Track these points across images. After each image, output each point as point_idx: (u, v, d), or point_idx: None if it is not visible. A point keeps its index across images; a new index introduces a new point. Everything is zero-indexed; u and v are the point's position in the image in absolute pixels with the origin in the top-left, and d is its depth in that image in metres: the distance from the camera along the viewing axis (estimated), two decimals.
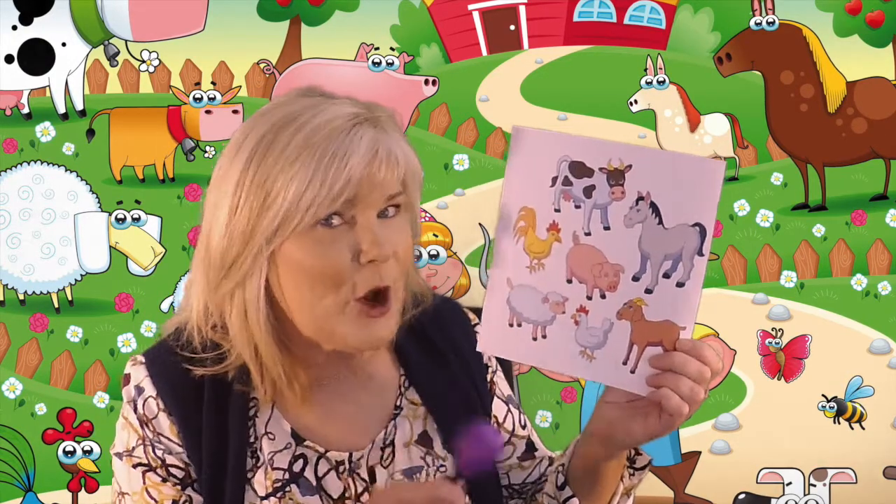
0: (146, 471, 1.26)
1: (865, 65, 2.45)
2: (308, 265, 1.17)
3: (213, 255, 1.20)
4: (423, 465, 1.30)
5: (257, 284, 1.19)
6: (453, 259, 2.46)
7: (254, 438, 1.27)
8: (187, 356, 1.25)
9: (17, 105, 2.42)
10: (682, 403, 1.10)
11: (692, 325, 1.11)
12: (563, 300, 1.14)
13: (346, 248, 1.17)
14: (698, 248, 1.08)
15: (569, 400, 2.46)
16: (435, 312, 1.34)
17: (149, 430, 1.26)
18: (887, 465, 2.49)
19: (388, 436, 1.30)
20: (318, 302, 1.18)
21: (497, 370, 1.41)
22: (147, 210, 2.43)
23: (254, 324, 1.21)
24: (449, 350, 1.35)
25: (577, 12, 2.45)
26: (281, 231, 1.16)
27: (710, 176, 1.08)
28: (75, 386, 2.43)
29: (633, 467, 1.26)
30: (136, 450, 1.27)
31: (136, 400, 1.27)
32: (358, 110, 1.19)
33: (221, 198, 1.19)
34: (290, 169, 1.15)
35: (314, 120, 1.17)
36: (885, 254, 2.46)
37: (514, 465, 1.40)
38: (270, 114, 1.20)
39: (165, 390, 1.26)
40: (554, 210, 1.14)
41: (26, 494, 2.45)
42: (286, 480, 1.26)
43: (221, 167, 1.21)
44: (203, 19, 2.42)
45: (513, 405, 1.41)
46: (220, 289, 1.21)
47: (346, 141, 1.16)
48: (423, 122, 2.45)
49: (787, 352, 2.47)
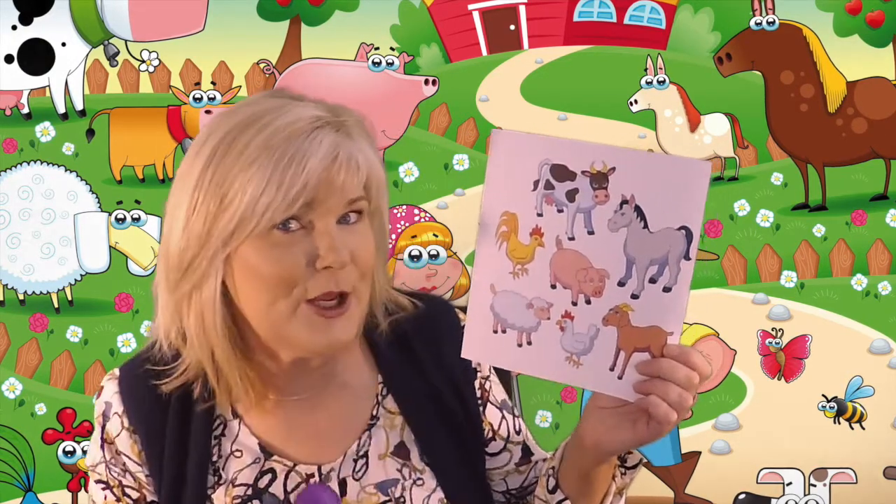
0: (104, 488, 1.28)
1: (866, 65, 2.44)
2: (263, 269, 1.15)
3: (172, 256, 1.18)
4: (398, 478, 1.28)
5: (213, 286, 1.17)
6: (453, 259, 2.45)
7: (217, 457, 1.27)
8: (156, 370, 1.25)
9: (17, 105, 2.42)
10: (671, 410, 1.08)
11: (679, 331, 1.08)
12: (548, 306, 1.12)
13: (301, 253, 1.15)
14: (685, 252, 1.06)
15: (569, 400, 2.46)
16: (419, 316, 1.32)
17: (107, 452, 1.27)
18: (887, 465, 2.49)
19: (362, 447, 1.28)
20: (270, 306, 1.17)
21: (490, 375, 1.38)
22: (147, 210, 2.43)
23: (209, 326, 1.19)
24: (430, 355, 1.32)
25: (577, 12, 2.45)
26: (237, 234, 1.14)
27: (695, 178, 1.05)
28: (75, 386, 2.43)
29: (625, 466, 1.25)
30: (98, 466, 1.29)
31: (103, 415, 1.28)
32: (321, 113, 1.17)
33: (181, 197, 1.17)
34: (248, 171, 1.13)
35: (276, 122, 1.15)
36: (886, 254, 2.46)
37: (511, 471, 1.38)
38: (234, 114, 1.18)
39: (132, 407, 1.26)
40: (536, 214, 1.12)
41: (26, 494, 2.45)
42: (248, 497, 1.25)
43: (184, 166, 1.19)
44: (203, 19, 2.42)
45: (507, 410, 1.39)
46: (178, 290, 1.19)
47: (306, 144, 1.14)
48: (423, 122, 2.45)
49: (788, 352, 2.47)
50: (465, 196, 2.45)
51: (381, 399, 1.31)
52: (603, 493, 1.24)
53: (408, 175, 2.44)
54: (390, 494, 1.27)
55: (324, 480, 1.26)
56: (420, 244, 2.44)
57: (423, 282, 2.43)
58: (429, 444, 1.29)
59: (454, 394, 1.33)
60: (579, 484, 1.24)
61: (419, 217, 2.45)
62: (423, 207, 2.45)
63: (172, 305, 1.22)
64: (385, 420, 1.30)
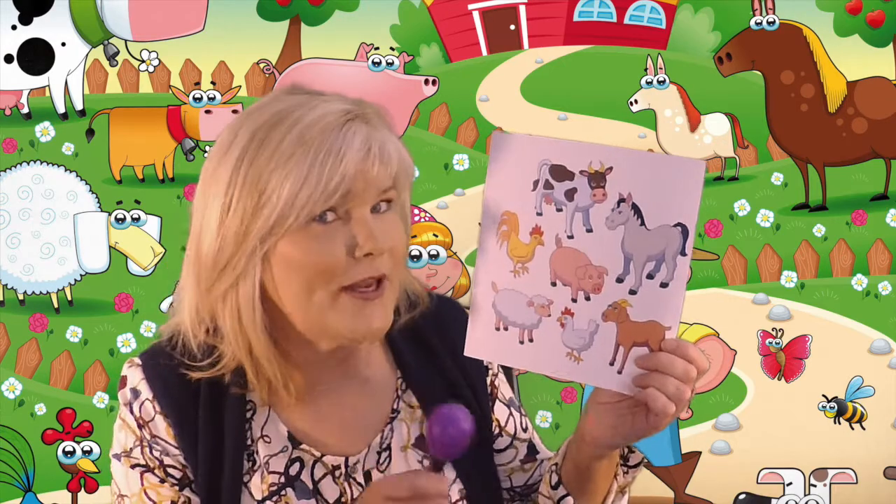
0: (144, 471, 1.26)
1: (866, 65, 2.45)
2: (303, 262, 1.16)
3: (205, 258, 1.19)
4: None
5: (252, 284, 1.18)
6: (453, 259, 2.45)
7: (250, 441, 1.26)
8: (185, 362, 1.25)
9: (17, 105, 2.42)
10: (669, 403, 1.10)
11: (677, 325, 1.10)
12: (549, 303, 1.14)
13: (341, 242, 1.16)
14: (681, 248, 1.08)
15: (569, 400, 2.46)
16: (434, 313, 1.33)
17: (146, 432, 1.25)
18: (888, 465, 2.49)
19: (385, 440, 1.29)
20: (310, 297, 1.17)
21: (499, 373, 1.40)
22: (147, 210, 2.43)
23: (248, 324, 1.20)
24: (446, 352, 1.33)
25: (577, 12, 2.45)
26: (276, 230, 1.15)
27: (690, 176, 1.07)
28: (75, 386, 2.43)
29: (627, 465, 1.26)
30: (133, 451, 1.26)
31: (132, 402, 1.26)
32: (349, 107, 1.18)
33: (211, 199, 1.18)
34: (285, 167, 1.14)
35: (306, 117, 1.16)
36: (886, 254, 2.46)
37: (516, 468, 1.39)
38: (259, 112, 1.19)
39: (162, 393, 1.25)
40: (536, 214, 1.14)
41: (26, 495, 2.45)
42: (282, 484, 1.25)
43: (209, 167, 1.20)
44: (203, 19, 2.42)
45: (514, 408, 1.41)
46: (212, 291, 1.20)
47: (340, 137, 1.15)
48: (423, 122, 2.45)
49: (788, 352, 2.47)
50: (465, 196, 2.45)
51: (400, 393, 1.32)
52: (605, 491, 1.26)
53: None
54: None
55: (350, 472, 1.27)
56: (420, 244, 2.44)
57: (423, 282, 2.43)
58: None
59: (469, 389, 1.34)
60: (581, 480, 1.25)
61: (419, 217, 2.45)
62: (423, 207, 2.45)
63: (205, 305, 1.22)
64: (405, 413, 1.31)
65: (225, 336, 1.22)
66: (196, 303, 1.23)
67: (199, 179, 1.21)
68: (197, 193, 1.22)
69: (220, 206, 1.17)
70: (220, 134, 1.22)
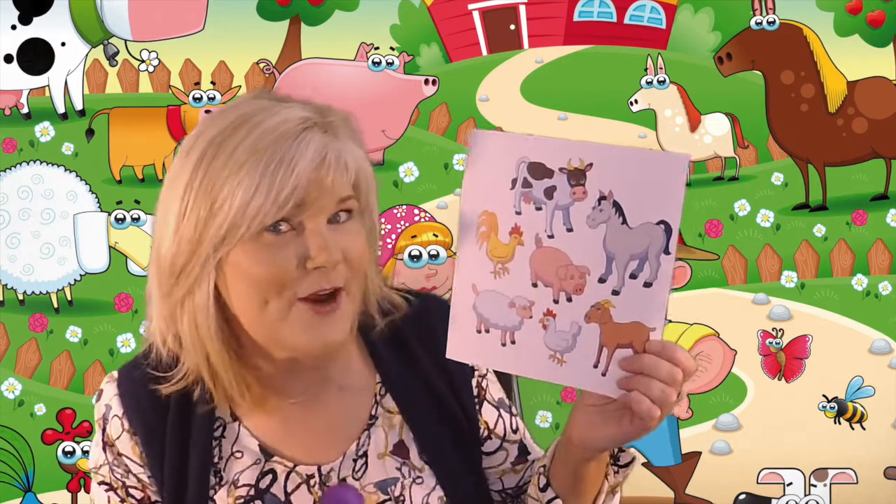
0: (108, 490, 1.28)
1: (866, 64, 2.44)
2: (254, 272, 1.15)
3: (163, 262, 1.18)
4: (398, 477, 1.28)
5: (206, 291, 1.17)
6: (453, 259, 2.45)
7: (218, 458, 1.26)
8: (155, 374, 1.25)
9: (17, 105, 2.42)
10: (654, 407, 1.07)
11: (662, 326, 1.07)
12: (530, 304, 1.12)
13: (292, 254, 1.15)
14: (664, 246, 1.05)
15: (569, 400, 2.46)
16: (415, 315, 1.32)
17: (109, 454, 1.27)
18: (888, 465, 2.48)
19: (362, 447, 1.28)
20: (263, 307, 1.16)
21: (487, 374, 1.38)
22: (147, 210, 2.43)
23: (204, 331, 1.19)
24: (427, 354, 1.31)
25: (578, 12, 2.45)
26: (228, 238, 1.14)
27: (673, 171, 1.04)
28: (75, 386, 2.43)
29: (618, 465, 1.24)
30: (101, 468, 1.29)
31: (104, 418, 1.28)
32: (308, 114, 1.17)
33: (171, 201, 1.17)
34: (237, 175, 1.12)
35: (263, 124, 1.14)
36: (886, 254, 2.46)
37: (507, 470, 1.38)
38: (222, 116, 1.17)
39: (132, 409, 1.26)
40: (515, 213, 1.11)
41: (25, 495, 2.45)
42: (250, 497, 1.25)
43: (173, 169, 1.19)
44: (203, 19, 2.42)
45: (504, 409, 1.38)
46: (171, 295, 1.19)
47: (294, 146, 1.13)
48: (423, 122, 2.44)
49: (788, 352, 2.47)
50: None
51: (379, 399, 1.31)
52: (595, 492, 1.24)
53: (408, 175, 2.44)
54: (390, 493, 1.27)
55: (324, 480, 1.26)
56: (420, 244, 2.44)
57: (422, 282, 2.43)
58: (427, 443, 1.29)
59: (451, 392, 1.32)
60: (570, 482, 1.23)
61: (419, 217, 2.45)
62: (423, 207, 2.45)
63: (167, 310, 1.21)
64: (384, 419, 1.30)
65: (184, 343, 1.21)
66: (160, 308, 1.22)
67: (164, 180, 1.21)
68: (160, 194, 1.20)
69: (177, 209, 1.16)
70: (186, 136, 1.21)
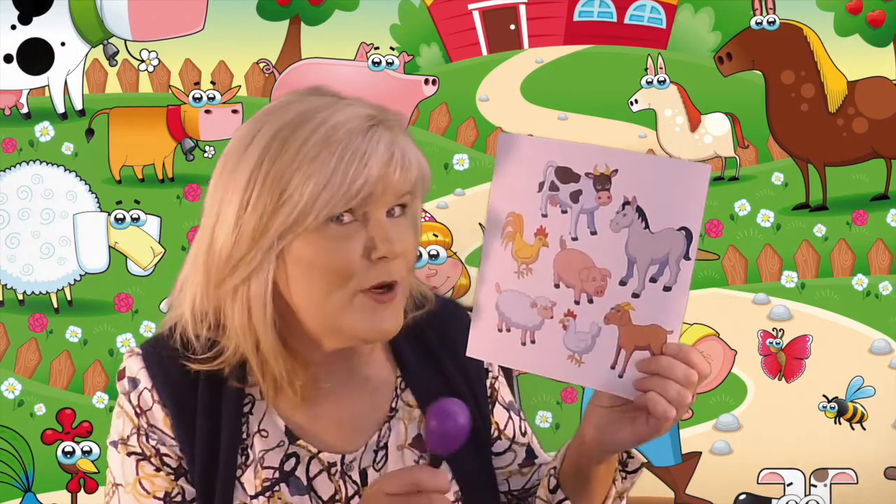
0: (140, 460, 1.26)
1: (866, 64, 2.44)
2: (320, 261, 1.17)
3: (219, 252, 1.19)
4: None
5: (265, 281, 1.19)
6: (453, 259, 2.45)
7: (246, 435, 1.27)
8: (185, 354, 1.25)
9: (17, 105, 2.42)
10: (669, 407, 1.10)
11: (679, 329, 1.11)
12: (551, 305, 1.15)
13: (358, 244, 1.17)
14: (685, 252, 1.08)
15: (569, 400, 2.46)
16: (435, 314, 1.34)
17: (143, 420, 1.26)
18: (888, 465, 2.48)
19: (382, 438, 1.30)
20: (326, 297, 1.18)
21: (499, 376, 1.40)
22: (146, 210, 2.43)
23: (258, 320, 1.20)
24: (446, 352, 1.34)
25: (578, 12, 2.45)
26: (294, 228, 1.16)
27: (695, 180, 1.08)
28: (74, 386, 2.43)
29: (626, 471, 1.26)
30: (130, 438, 1.27)
31: (130, 392, 1.27)
32: (373, 112, 1.20)
33: (230, 194, 1.18)
34: (309, 166, 1.15)
35: (331, 119, 1.17)
36: (886, 254, 2.46)
37: (514, 472, 1.39)
38: (282, 111, 1.20)
39: (161, 382, 1.26)
40: (541, 215, 1.15)
41: (25, 495, 2.45)
42: (276, 479, 1.26)
43: (227, 164, 1.20)
44: (202, 19, 2.42)
45: (514, 412, 1.41)
46: (223, 286, 1.20)
47: (365, 141, 1.16)
48: (423, 122, 2.44)
49: (788, 352, 2.47)
50: (465, 196, 2.45)
51: (399, 392, 1.33)
52: (603, 496, 1.25)
53: None
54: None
55: (345, 470, 1.28)
56: (420, 244, 2.44)
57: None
58: None
59: (469, 390, 1.34)
60: (579, 484, 1.25)
61: None
62: (423, 207, 2.44)
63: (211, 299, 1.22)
64: (403, 412, 1.32)
65: (231, 331, 1.22)
66: (199, 297, 1.23)
67: (214, 175, 1.22)
68: (211, 189, 1.22)
69: (238, 201, 1.17)
70: (237, 130, 1.22)
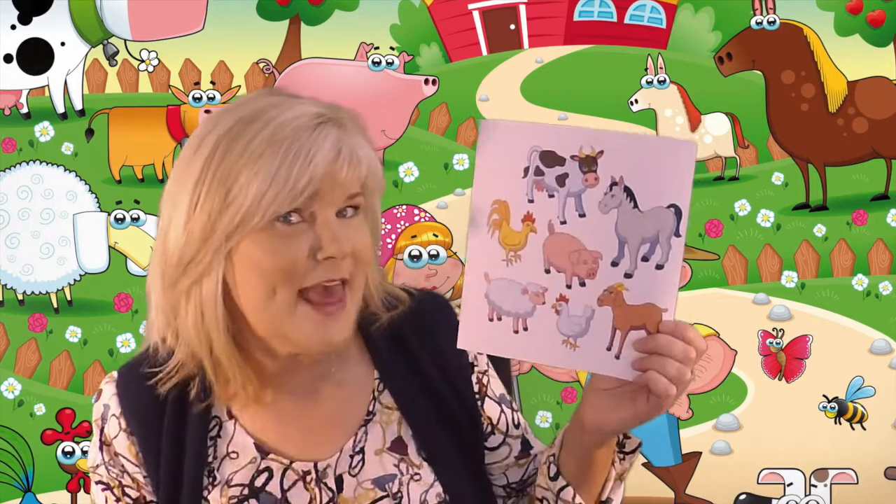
0: (104, 489, 1.30)
1: (866, 64, 2.44)
2: (265, 261, 1.17)
3: (171, 253, 1.19)
4: (395, 474, 1.29)
5: (215, 282, 1.19)
6: (453, 259, 2.45)
7: (212, 458, 1.27)
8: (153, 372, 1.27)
9: (16, 105, 2.42)
10: (670, 385, 1.10)
11: (674, 307, 1.10)
12: (543, 290, 1.14)
13: (304, 244, 1.17)
14: (675, 229, 1.08)
15: (569, 400, 2.46)
16: (415, 310, 1.33)
17: (106, 454, 1.29)
18: (888, 465, 2.48)
19: (359, 443, 1.29)
20: (270, 298, 1.18)
21: (488, 369, 1.39)
22: (146, 210, 2.43)
23: (210, 322, 1.20)
24: (425, 349, 1.33)
25: (578, 12, 2.45)
26: (241, 228, 1.15)
27: (682, 157, 1.07)
28: (74, 386, 2.43)
29: (623, 451, 1.25)
30: (98, 468, 1.30)
31: (102, 417, 1.30)
32: (322, 110, 1.19)
33: (181, 194, 1.18)
34: (254, 165, 1.14)
35: (279, 117, 1.17)
36: (887, 254, 2.45)
37: (510, 465, 1.39)
38: (233, 111, 1.20)
39: (129, 409, 1.28)
40: (527, 201, 1.14)
41: (25, 495, 2.45)
42: (244, 496, 1.26)
43: (181, 164, 1.20)
44: (202, 19, 2.42)
45: (506, 405, 1.40)
46: (176, 287, 1.20)
47: (311, 139, 1.16)
48: (423, 122, 2.44)
49: (788, 352, 2.47)
50: (465, 196, 2.45)
51: (377, 395, 1.32)
52: (603, 479, 1.25)
53: (408, 175, 2.44)
54: (388, 490, 1.28)
55: (320, 477, 1.27)
56: (420, 244, 2.44)
57: (423, 282, 2.43)
58: (426, 439, 1.30)
59: (450, 388, 1.33)
60: (579, 469, 1.24)
61: (419, 217, 2.45)
62: (423, 207, 2.44)
63: (167, 303, 1.22)
64: (381, 416, 1.31)
65: (185, 334, 1.22)
66: (160, 301, 1.23)
67: (170, 176, 1.22)
68: (166, 189, 1.22)
69: (188, 202, 1.17)
70: (195, 130, 1.23)
